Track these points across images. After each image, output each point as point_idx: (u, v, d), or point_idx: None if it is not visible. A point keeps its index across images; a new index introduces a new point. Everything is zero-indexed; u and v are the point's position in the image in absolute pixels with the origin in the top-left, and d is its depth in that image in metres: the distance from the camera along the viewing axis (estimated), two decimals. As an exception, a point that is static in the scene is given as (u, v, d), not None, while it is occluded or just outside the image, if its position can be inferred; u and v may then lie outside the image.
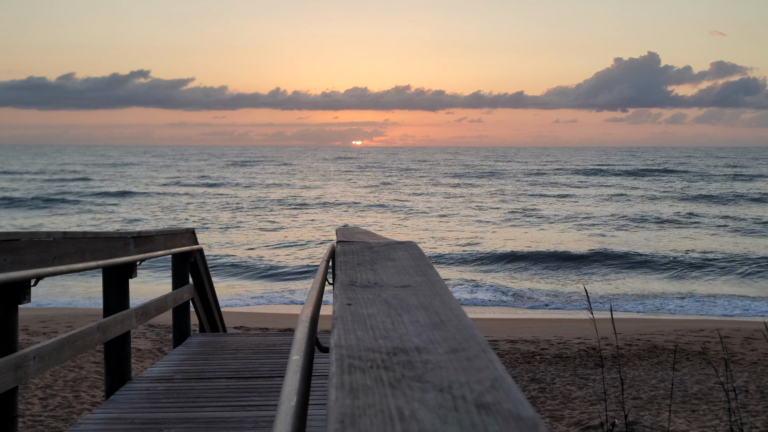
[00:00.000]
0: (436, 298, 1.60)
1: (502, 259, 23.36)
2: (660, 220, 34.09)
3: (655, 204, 42.09)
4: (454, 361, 1.05)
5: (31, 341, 10.51)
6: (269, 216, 37.42)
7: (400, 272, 2.10)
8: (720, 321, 14.41)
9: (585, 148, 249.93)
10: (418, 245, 2.86)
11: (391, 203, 43.95)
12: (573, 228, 31.87)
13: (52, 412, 7.38)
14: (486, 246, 26.16)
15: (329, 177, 72.16)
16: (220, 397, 5.35)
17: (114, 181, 61.88)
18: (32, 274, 3.96)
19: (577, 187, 55.45)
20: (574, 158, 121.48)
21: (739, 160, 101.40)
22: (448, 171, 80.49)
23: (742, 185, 55.33)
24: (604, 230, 31.03)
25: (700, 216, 35.41)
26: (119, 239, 5.62)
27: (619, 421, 6.66)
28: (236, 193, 51.50)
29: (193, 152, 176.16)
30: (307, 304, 2.24)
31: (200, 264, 8.22)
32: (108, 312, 5.60)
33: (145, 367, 8.70)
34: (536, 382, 8.98)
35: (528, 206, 41.36)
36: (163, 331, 11.81)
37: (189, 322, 7.83)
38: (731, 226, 31.77)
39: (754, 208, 39.54)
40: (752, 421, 7.13)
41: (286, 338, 7.85)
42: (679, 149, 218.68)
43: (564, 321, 14.57)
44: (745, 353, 10.58)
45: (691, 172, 71.70)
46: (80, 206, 41.60)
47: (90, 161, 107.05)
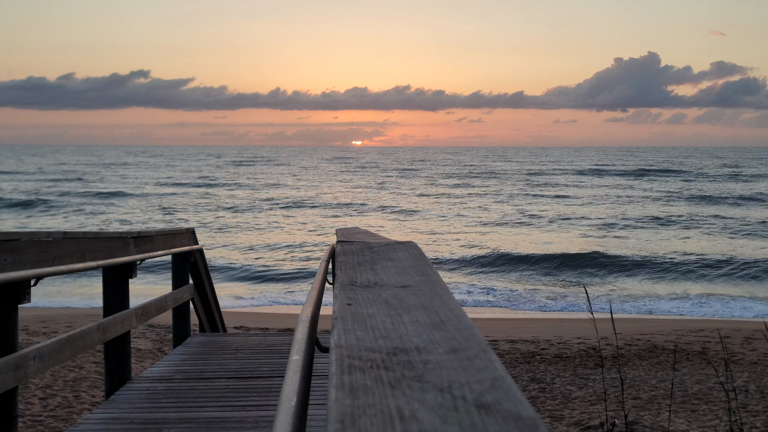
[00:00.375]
0: (436, 298, 1.60)
1: (500, 259, 23.36)
2: (657, 220, 34.09)
3: (653, 204, 42.08)
4: (454, 361, 1.05)
5: (31, 341, 10.51)
6: (269, 217, 37.42)
7: (400, 272, 2.10)
8: (720, 321, 14.41)
9: (585, 148, 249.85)
10: (418, 245, 2.86)
11: (388, 205, 43.93)
12: (572, 228, 31.87)
13: (52, 412, 7.38)
14: (485, 246, 26.16)
15: (325, 178, 71.96)
16: (220, 397, 5.35)
17: (109, 182, 61.71)
18: (32, 274, 3.96)
19: (575, 188, 55.44)
20: (573, 158, 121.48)
21: (737, 160, 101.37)
22: (447, 171, 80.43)
23: (741, 185, 55.35)
24: (603, 231, 31.03)
25: (700, 216, 35.40)
26: (119, 239, 5.62)
27: (619, 421, 6.66)
28: (233, 193, 51.41)
29: (191, 152, 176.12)
30: (307, 304, 2.24)
31: (200, 264, 8.22)
32: (108, 312, 5.60)
33: (145, 367, 8.70)
34: (536, 382, 8.98)
35: (526, 207, 41.36)
36: (163, 331, 11.81)
37: (189, 322, 7.83)
38: (730, 227, 31.76)
39: (753, 209, 39.52)
40: (752, 421, 7.13)
41: (286, 338, 7.85)
42: (679, 149, 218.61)
43: (564, 321, 14.57)
44: (745, 353, 10.57)
45: (689, 171, 71.67)
46: (65, 208, 41.09)
47: (86, 161, 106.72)
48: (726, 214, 36.13)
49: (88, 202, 43.78)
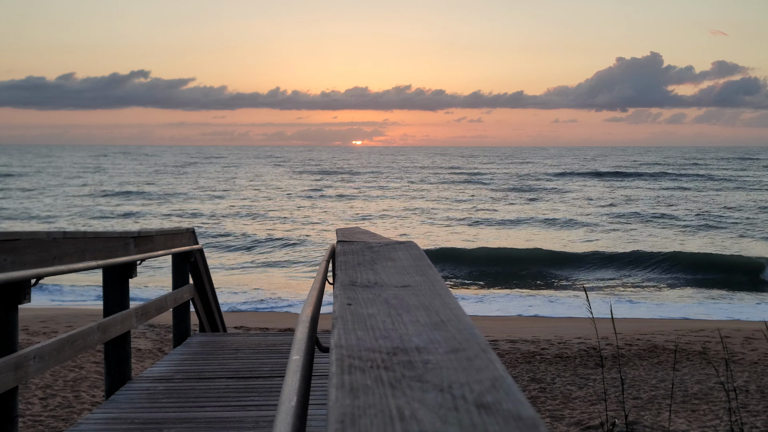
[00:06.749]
0: (436, 298, 1.60)
1: (499, 259, 23.36)
2: (654, 219, 34.09)
3: (650, 204, 42.08)
4: (454, 361, 1.05)
5: (31, 341, 10.51)
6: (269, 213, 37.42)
7: (401, 272, 2.10)
8: (720, 321, 14.41)
9: (585, 148, 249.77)
10: (418, 245, 2.86)
11: (388, 210, 43.89)
12: (571, 229, 31.87)
13: (52, 412, 7.38)
14: (483, 247, 26.16)
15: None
16: (220, 397, 5.35)
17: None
18: (32, 274, 3.96)
19: (574, 187, 55.41)
20: (572, 158, 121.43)
21: (734, 160, 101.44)
22: (439, 172, 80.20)
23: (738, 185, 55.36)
24: (602, 231, 31.03)
25: (697, 217, 35.40)
26: (119, 239, 5.62)
27: (620, 421, 6.66)
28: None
29: (172, 152, 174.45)
30: (307, 304, 2.24)
31: (200, 264, 8.22)
32: (108, 312, 5.60)
33: (145, 367, 8.70)
34: (536, 382, 8.98)
35: (523, 207, 41.35)
36: (163, 331, 11.81)
37: (189, 322, 7.83)
38: (730, 228, 31.76)
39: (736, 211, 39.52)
40: (752, 421, 7.13)
41: (286, 338, 7.84)
42: (679, 149, 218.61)
43: (564, 321, 14.56)
44: (746, 353, 10.57)
45: (688, 174, 71.63)
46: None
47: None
48: (723, 214, 36.15)
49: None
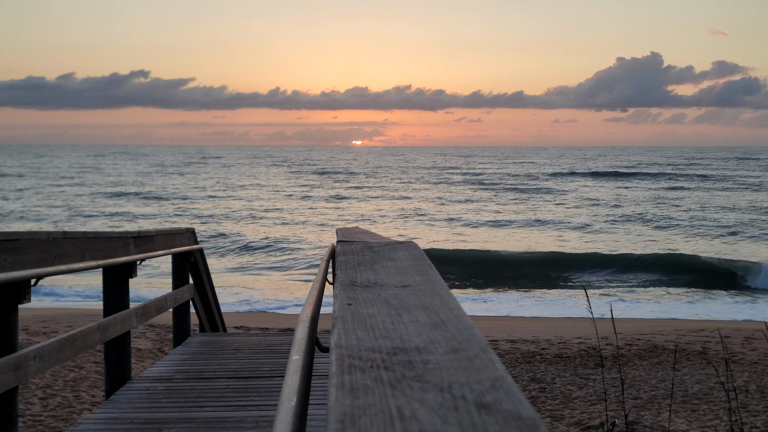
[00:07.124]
0: (436, 298, 1.60)
1: (499, 259, 23.36)
2: (652, 220, 34.09)
3: (649, 204, 42.09)
4: (454, 361, 1.05)
5: (31, 341, 10.51)
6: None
7: (401, 272, 2.10)
8: (720, 321, 14.41)
9: (585, 148, 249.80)
10: (418, 245, 2.86)
11: (374, 212, 43.88)
12: (570, 229, 31.87)
13: (52, 412, 7.38)
14: (483, 248, 26.16)
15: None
16: (220, 397, 5.35)
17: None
18: (32, 274, 3.96)
19: (574, 188, 55.42)
20: (572, 158, 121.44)
21: (733, 160, 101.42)
22: (439, 172, 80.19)
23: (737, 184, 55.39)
24: (602, 231, 31.03)
25: (697, 217, 35.41)
26: (119, 239, 5.62)
27: (620, 421, 6.66)
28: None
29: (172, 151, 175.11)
30: (307, 304, 2.24)
31: (200, 264, 8.22)
32: (108, 312, 5.60)
33: (145, 367, 8.70)
34: (536, 382, 8.98)
35: (523, 208, 41.35)
36: (163, 331, 11.81)
37: (189, 321, 7.83)
38: (730, 228, 31.77)
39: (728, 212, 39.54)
40: (752, 421, 7.13)
41: (286, 338, 7.84)
42: (679, 149, 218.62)
43: (564, 321, 14.56)
44: (746, 353, 10.58)
45: (688, 174, 71.64)
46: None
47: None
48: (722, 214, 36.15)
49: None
